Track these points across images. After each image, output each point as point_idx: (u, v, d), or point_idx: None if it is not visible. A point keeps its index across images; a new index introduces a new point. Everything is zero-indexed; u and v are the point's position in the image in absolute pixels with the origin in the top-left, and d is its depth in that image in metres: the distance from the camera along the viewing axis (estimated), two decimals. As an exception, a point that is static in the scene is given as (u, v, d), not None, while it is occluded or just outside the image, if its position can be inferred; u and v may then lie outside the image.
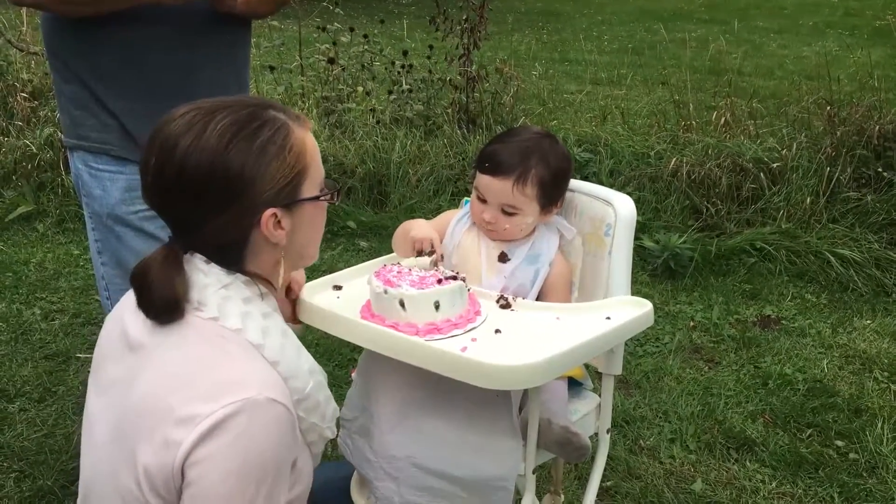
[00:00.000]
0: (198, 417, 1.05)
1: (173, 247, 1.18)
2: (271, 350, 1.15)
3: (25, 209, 4.14)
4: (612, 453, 2.42)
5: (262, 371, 1.12)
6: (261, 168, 1.14)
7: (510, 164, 1.62)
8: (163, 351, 1.14)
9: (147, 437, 1.09)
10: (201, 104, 1.17)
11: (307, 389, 1.18)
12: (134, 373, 1.16)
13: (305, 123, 1.22)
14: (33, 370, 2.84)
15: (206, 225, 1.15)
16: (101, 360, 1.26)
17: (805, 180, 3.94)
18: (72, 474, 2.32)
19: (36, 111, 4.85)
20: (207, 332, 1.14)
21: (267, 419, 1.07)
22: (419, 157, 4.46)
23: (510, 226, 1.65)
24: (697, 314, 3.33)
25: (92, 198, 1.85)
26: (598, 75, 7.02)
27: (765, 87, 6.55)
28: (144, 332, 1.17)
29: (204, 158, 1.11)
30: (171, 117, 1.16)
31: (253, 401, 1.06)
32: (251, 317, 1.16)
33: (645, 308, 1.52)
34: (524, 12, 11.85)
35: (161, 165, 1.13)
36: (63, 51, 1.81)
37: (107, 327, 1.27)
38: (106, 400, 1.20)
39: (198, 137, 1.12)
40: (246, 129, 1.14)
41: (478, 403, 1.48)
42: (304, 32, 5.21)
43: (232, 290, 1.17)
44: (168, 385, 1.11)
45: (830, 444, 2.51)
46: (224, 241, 1.18)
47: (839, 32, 9.72)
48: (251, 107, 1.17)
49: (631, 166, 4.32)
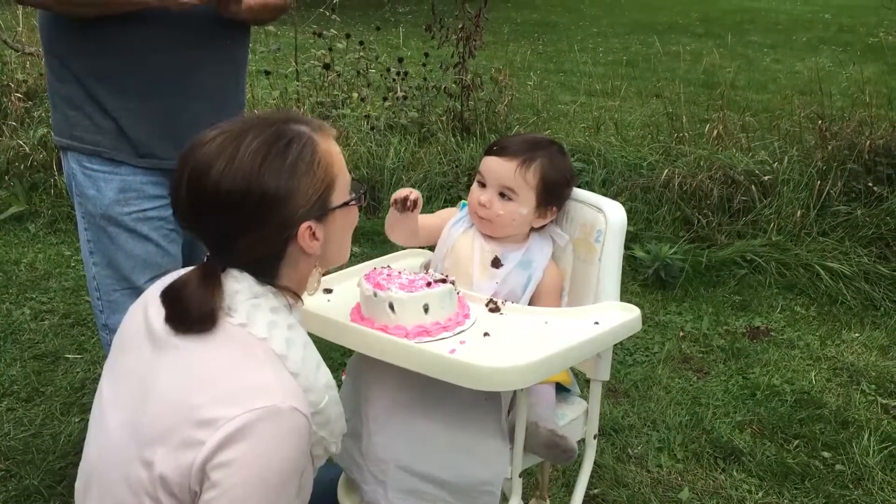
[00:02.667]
0: (221, 420, 1.06)
1: (212, 264, 1.19)
2: (293, 362, 1.16)
3: (17, 209, 4.14)
4: (599, 461, 2.43)
5: (285, 380, 1.13)
6: (293, 186, 1.16)
7: (518, 150, 1.67)
8: (188, 349, 1.15)
9: (166, 435, 1.09)
10: (228, 127, 1.19)
11: (322, 404, 1.19)
12: (155, 367, 1.16)
13: (328, 132, 1.24)
14: (22, 370, 2.83)
15: (243, 244, 1.17)
16: (121, 348, 1.26)
17: (796, 193, 3.96)
18: (59, 474, 2.32)
19: (30, 112, 4.85)
20: (235, 336, 1.16)
21: (289, 428, 1.08)
22: (413, 164, 4.47)
23: (504, 212, 1.66)
24: (687, 324, 3.34)
25: (85, 198, 1.85)
26: (593, 86, 7.04)
27: (758, 101, 6.58)
28: (169, 329, 1.18)
29: (239, 182, 1.13)
30: (199, 142, 1.17)
31: (277, 408, 1.07)
32: (277, 326, 1.18)
33: (633, 314, 1.53)
34: (520, 23, 11.89)
35: (196, 191, 1.15)
36: (62, 50, 1.81)
37: (130, 317, 1.28)
38: (122, 389, 1.20)
39: (231, 161, 1.14)
40: (275, 148, 1.16)
41: (466, 406, 1.49)
42: (301, 38, 5.23)
43: (261, 298, 1.19)
44: (191, 384, 1.11)
45: (817, 456, 2.52)
46: (260, 257, 1.19)
47: (832, 48, 9.77)
48: (276, 124, 1.19)
49: (623, 176, 4.34)
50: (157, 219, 1.87)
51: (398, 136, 4.68)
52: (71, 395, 2.70)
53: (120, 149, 1.82)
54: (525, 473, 1.58)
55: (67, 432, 2.49)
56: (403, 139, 4.65)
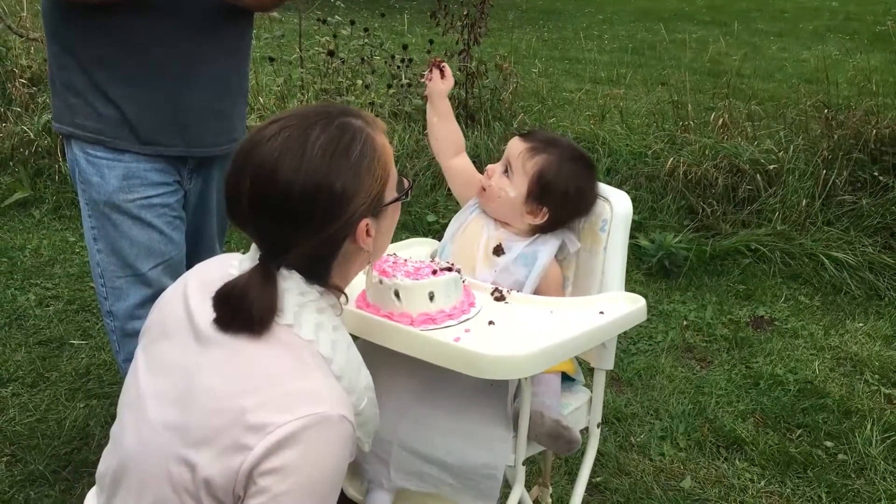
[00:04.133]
0: (271, 426, 1.05)
1: (268, 266, 1.16)
2: (338, 365, 1.16)
3: (22, 195, 4.14)
4: (602, 449, 2.44)
5: (334, 387, 1.12)
6: (357, 183, 1.14)
7: (538, 140, 1.70)
8: (235, 348, 1.13)
9: (213, 438, 1.08)
10: (288, 120, 1.15)
11: (361, 406, 1.19)
12: (200, 364, 1.14)
13: (380, 127, 1.22)
14: (27, 355, 2.84)
15: (302, 244, 1.14)
16: (160, 337, 1.23)
17: (801, 183, 3.95)
18: (64, 459, 2.33)
19: (34, 97, 4.84)
20: (282, 337, 1.14)
21: (337, 436, 1.08)
22: (417, 152, 4.46)
23: (495, 184, 1.70)
24: (691, 314, 3.34)
25: (89, 185, 1.85)
26: (598, 74, 7.02)
27: (763, 90, 6.56)
28: (217, 328, 1.15)
29: (309, 180, 1.10)
30: (261, 137, 1.14)
31: (326, 416, 1.07)
32: (323, 328, 1.17)
33: (638, 304, 1.53)
34: (525, 10, 11.85)
35: (261, 189, 1.12)
36: (65, 37, 1.81)
37: (169, 305, 1.25)
38: (164, 382, 1.17)
39: (300, 158, 1.11)
40: (341, 146, 1.14)
41: (471, 391, 1.50)
42: (305, 25, 5.21)
43: (308, 297, 1.17)
44: (239, 386, 1.10)
45: (820, 445, 2.53)
46: (316, 257, 1.17)
47: (839, 37, 9.73)
48: (337, 117, 1.17)
49: (628, 165, 4.33)
50: (161, 206, 1.87)
51: (402, 123, 4.67)
52: (76, 380, 2.71)
53: (122, 137, 1.82)
54: (528, 461, 1.58)
55: (72, 418, 2.51)
56: (408, 127, 4.64)
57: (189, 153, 1.87)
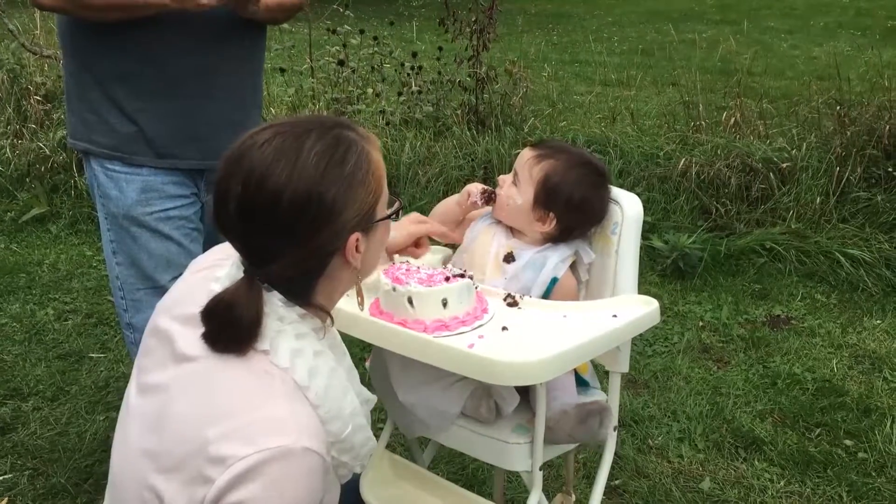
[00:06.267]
0: (231, 458, 1.03)
1: (253, 277, 1.12)
2: (315, 393, 1.12)
3: (39, 211, 4.18)
4: (620, 452, 2.43)
5: (302, 415, 1.09)
6: (350, 195, 1.11)
7: (546, 147, 1.70)
8: (207, 375, 1.11)
9: (180, 467, 1.07)
10: (282, 127, 1.12)
11: (344, 434, 1.16)
12: (174, 386, 1.13)
13: (375, 143, 1.20)
14: (46, 369, 2.87)
15: (288, 255, 1.11)
16: (150, 354, 1.21)
17: (815, 180, 3.93)
18: (85, 472, 2.35)
19: (49, 114, 4.90)
20: (256, 365, 1.10)
21: (300, 469, 1.05)
22: (429, 159, 4.47)
23: (503, 193, 1.71)
24: (707, 314, 3.33)
25: (108, 199, 1.87)
26: (608, 76, 7.02)
27: (775, 88, 6.53)
28: (191, 347, 1.13)
29: (301, 187, 1.07)
30: (253, 142, 1.10)
31: (288, 449, 1.03)
32: (301, 355, 1.13)
33: (651, 306, 1.53)
34: (534, 14, 11.86)
35: (250, 194, 1.08)
36: (81, 54, 1.83)
37: (156, 322, 1.23)
38: (144, 403, 1.17)
39: (293, 164, 1.08)
40: (336, 155, 1.10)
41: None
42: (315, 35, 5.24)
43: (287, 324, 1.14)
44: (206, 413, 1.08)
45: (839, 444, 2.51)
46: (302, 271, 1.14)
47: (850, 33, 9.69)
48: (333, 128, 1.14)
49: (640, 167, 4.33)
50: (179, 218, 1.90)
51: (413, 130, 4.68)
52: (95, 393, 2.74)
53: (139, 151, 1.84)
54: (548, 466, 1.58)
55: (93, 430, 2.53)
56: (419, 133, 4.65)
57: (204, 166, 1.89)
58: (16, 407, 2.65)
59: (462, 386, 1.59)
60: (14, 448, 2.45)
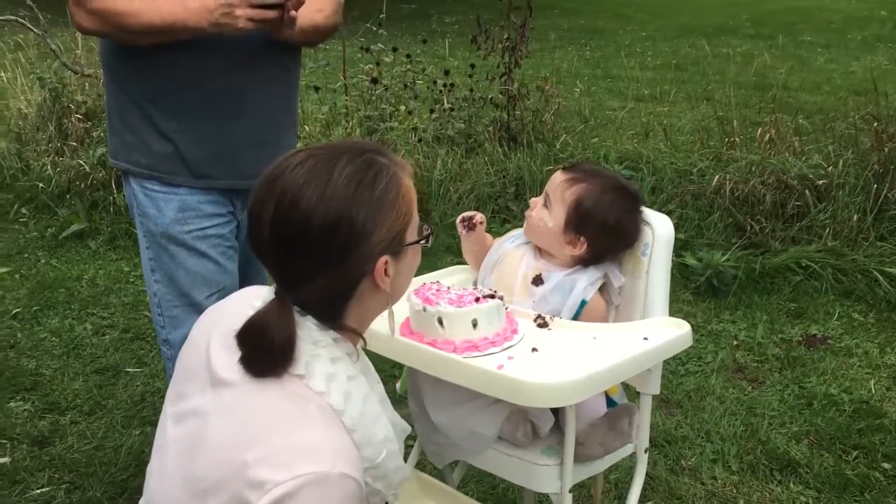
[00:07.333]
0: (269, 483, 1.03)
1: (284, 299, 1.14)
2: (350, 417, 1.13)
3: (78, 227, 4.27)
4: (652, 473, 2.41)
5: (338, 440, 1.10)
6: (379, 218, 1.13)
7: (579, 171, 1.72)
8: (244, 399, 1.12)
9: (217, 489, 1.07)
10: (315, 150, 1.15)
11: (378, 460, 1.16)
12: (210, 411, 1.14)
13: (407, 168, 1.21)
14: (84, 384, 2.92)
15: (319, 277, 1.13)
16: (185, 379, 1.22)
17: (852, 197, 3.88)
18: (120, 486, 2.39)
19: (89, 132, 4.99)
20: (291, 389, 1.11)
21: (338, 495, 1.05)
22: (460, 175, 4.49)
23: (535, 216, 1.72)
24: (741, 333, 3.29)
25: (146, 217, 1.91)
26: (641, 92, 6.99)
27: (811, 103, 6.46)
28: (228, 371, 1.14)
29: (332, 209, 1.09)
30: (286, 165, 1.13)
31: (325, 475, 1.04)
32: (336, 379, 1.14)
33: (683, 329, 1.53)
34: (567, 29, 11.86)
35: (283, 216, 1.11)
36: (121, 76, 1.88)
37: (194, 344, 1.24)
38: (182, 429, 1.18)
39: (324, 186, 1.10)
40: (367, 178, 1.13)
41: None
42: (349, 53, 5.30)
43: (321, 347, 1.15)
44: (243, 438, 1.08)
45: (877, 467, 2.46)
46: (332, 293, 1.16)
47: (889, 46, 9.54)
48: (365, 153, 1.16)
49: (673, 183, 4.30)
50: (216, 236, 1.93)
51: (445, 147, 4.70)
52: (131, 408, 2.78)
53: (176, 171, 1.87)
54: (578, 487, 1.58)
55: (129, 445, 2.57)
56: (451, 150, 4.67)
57: (240, 185, 1.91)
58: (54, 420, 2.70)
59: (498, 409, 1.58)
60: (51, 461, 2.50)
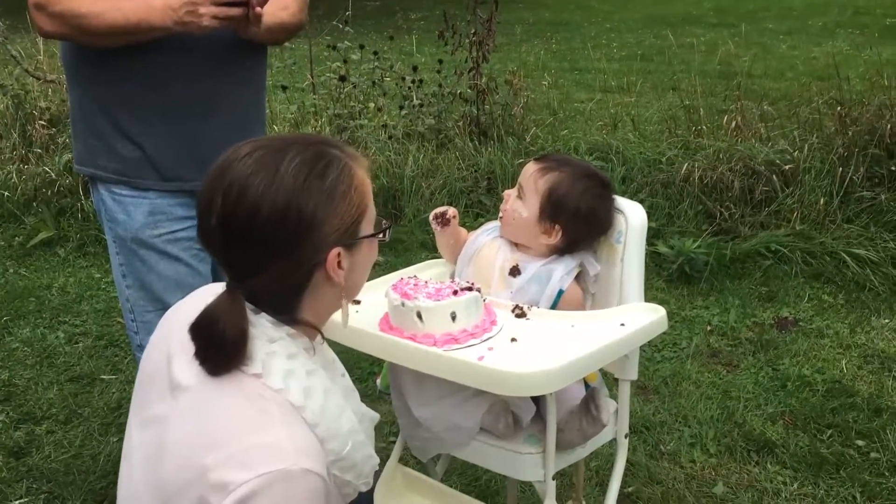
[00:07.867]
0: (231, 484, 1.02)
1: (235, 291, 1.13)
2: (311, 412, 1.12)
3: (46, 235, 4.21)
4: (632, 459, 2.44)
5: (300, 436, 1.09)
6: (330, 208, 1.13)
7: (551, 161, 1.73)
8: (202, 403, 1.11)
9: (181, 494, 1.07)
10: (265, 142, 1.14)
11: (344, 452, 1.16)
12: (170, 417, 1.14)
13: (362, 161, 1.21)
14: (59, 393, 2.89)
15: (270, 268, 1.12)
16: (148, 382, 1.22)
17: (818, 181, 3.94)
18: (100, 494, 2.36)
19: (54, 138, 4.93)
20: (249, 389, 1.11)
21: (300, 491, 1.05)
22: (432, 171, 4.49)
23: (509, 208, 1.73)
24: (714, 318, 3.34)
25: (116, 222, 1.89)
26: (608, 83, 7.05)
27: (775, 90, 6.54)
28: (186, 376, 1.14)
29: (280, 198, 1.09)
30: (235, 156, 1.12)
31: (287, 472, 1.04)
32: (294, 375, 1.13)
33: (658, 314, 1.54)
34: (532, 23, 11.90)
35: (232, 205, 1.10)
36: (85, 79, 1.85)
37: (153, 354, 1.23)
38: (144, 436, 1.17)
39: (272, 177, 1.10)
40: (316, 169, 1.12)
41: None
42: (315, 51, 5.28)
43: (277, 345, 1.14)
44: (204, 443, 1.08)
45: (851, 444, 2.51)
46: (285, 286, 1.15)
47: (849, 32, 9.70)
48: (315, 144, 1.16)
49: (643, 173, 4.34)
50: (187, 239, 1.91)
51: (416, 143, 4.71)
52: (108, 415, 2.75)
53: (144, 175, 1.86)
54: (560, 475, 1.59)
55: (107, 452, 2.54)
56: (421, 146, 4.68)
57: None
58: (29, 431, 2.67)
59: (478, 401, 1.59)
60: (29, 472, 2.46)
